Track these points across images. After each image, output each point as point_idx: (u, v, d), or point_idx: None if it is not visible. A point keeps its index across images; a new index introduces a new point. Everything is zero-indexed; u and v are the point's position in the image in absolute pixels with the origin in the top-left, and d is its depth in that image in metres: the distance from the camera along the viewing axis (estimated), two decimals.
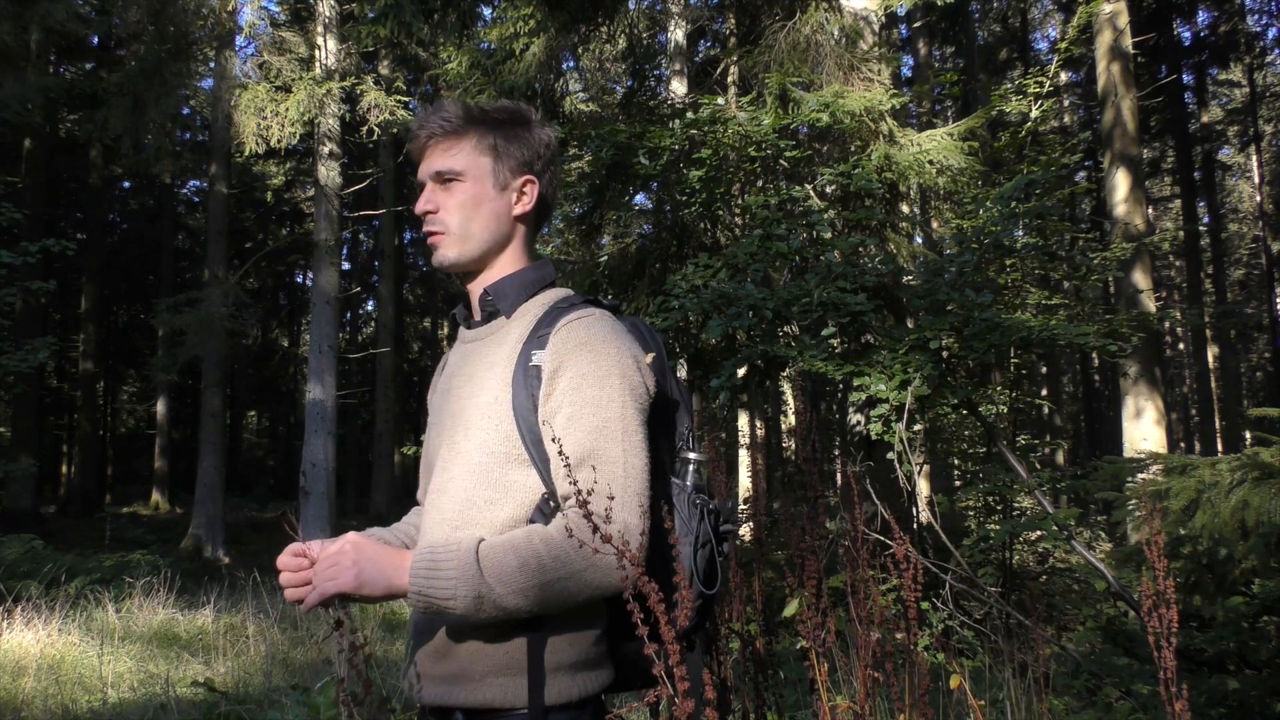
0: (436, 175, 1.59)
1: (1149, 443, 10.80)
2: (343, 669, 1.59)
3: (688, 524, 1.52)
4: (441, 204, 1.59)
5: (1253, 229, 31.26)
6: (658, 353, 1.61)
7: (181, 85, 15.44)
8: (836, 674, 3.04)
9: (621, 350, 1.50)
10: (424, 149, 1.61)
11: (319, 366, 13.89)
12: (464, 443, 1.53)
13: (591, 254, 8.96)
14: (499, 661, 1.43)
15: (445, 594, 1.36)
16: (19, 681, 5.74)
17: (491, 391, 1.52)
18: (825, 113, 6.22)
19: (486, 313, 1.63)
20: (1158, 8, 19.07)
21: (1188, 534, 3.26)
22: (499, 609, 1.37)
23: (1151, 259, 12.50)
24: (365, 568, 1.38)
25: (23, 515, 17.67)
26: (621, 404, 1.45)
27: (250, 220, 28.31)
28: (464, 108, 1.61)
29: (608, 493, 1.38)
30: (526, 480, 1.47)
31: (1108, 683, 3.96)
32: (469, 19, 8.05)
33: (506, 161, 1.60)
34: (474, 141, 1.59)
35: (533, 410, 1.48)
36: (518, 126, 1.62)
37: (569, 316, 1.51)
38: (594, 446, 1.42)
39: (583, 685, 1.45)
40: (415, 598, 1.37)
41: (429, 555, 1.39)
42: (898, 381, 4.79)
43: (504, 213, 1.61)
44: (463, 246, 1.59)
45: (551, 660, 1.43)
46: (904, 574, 1.83)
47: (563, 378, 1.46)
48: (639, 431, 1.46)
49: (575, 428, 1.43)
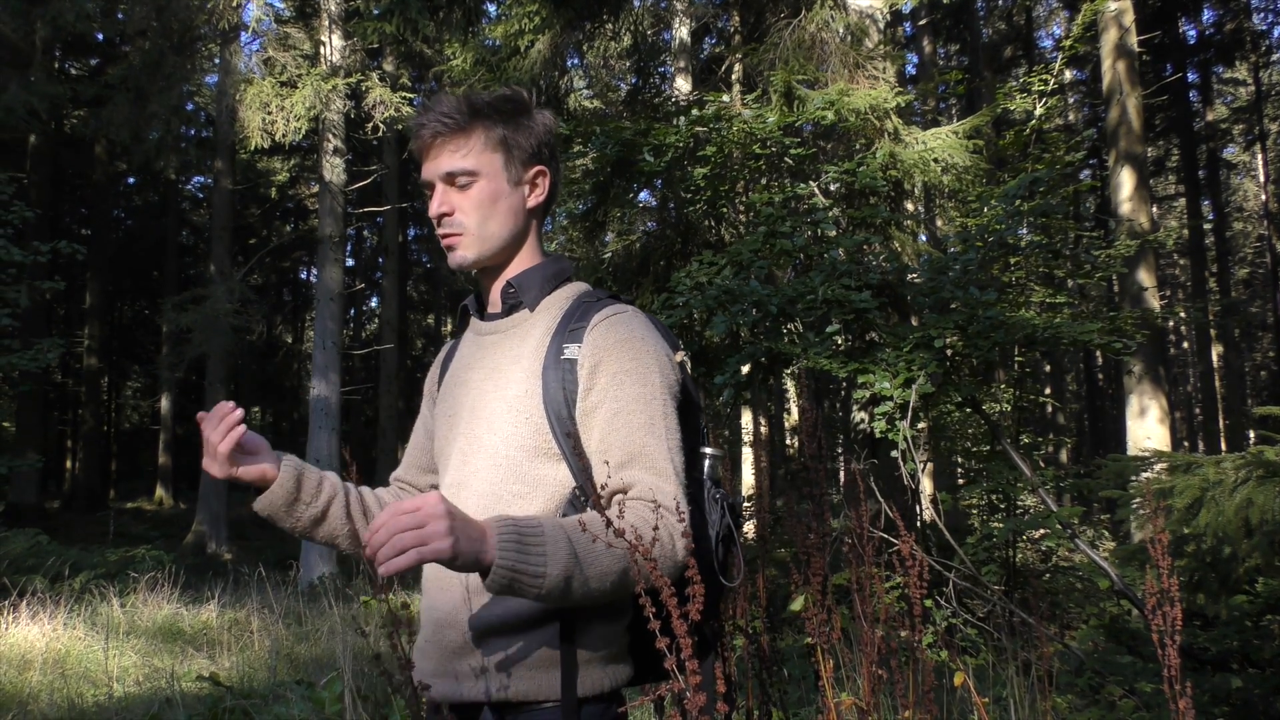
0: (447, 176, 1.54)
1: (1153, 441, 10.79)
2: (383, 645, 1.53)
3: (708, 517, 1.52)
4: (456, 205, 1.54)
5: (1257, 227, 31.20)
6: (681, 349, 1.61)
7: (184, 79, 15.42)
8: (841, 671, 3.05)
9: (658, 347, 1.50)
10: (428, 147, 1.55)
11: (323, 363, 13.90)
12: (487, 436, 1.51)
13: (596, 251, 8.97)
14: (530, 654, 1.42)
15: (535, 572, 1.24)
16: (25, 675, 5.77)
17: (519, 385, 1.50)
18: (830, 110, 6.22)
19: (508, 305, 1.59)
20: (1163, 6, 19.01)
21: (1191, 532, 3.26)
22: (583, 593, 1.29)
23: (1156, 257, 12.49)
24: (459, 538, 1.20)
25: (27, 510, 17.73)
26: (663, 400, 1.46)
27: (255, 216, 28.35)
28: (467, 101, 1.55)
29: (658, 486, 1.39)
30: (557, 474, 1.46)
31: (1111, 681, 3.96)
32: (474, 16, 8.05)
33: (517, 155, 1.56)
34: (482, 137, 1.54)
35: (564, 404, 1.46)
36: (521, 115, 1.58)
37: (605, 312, 1.51)
38: (644, 442, 1.42)
39: (613, 677, 1.45)
40: (501, 574, 1.22)
41: (513, 529, 1.25)
42: (902, 379, 4.79)
43: (519, 207, 1.58)
44: (482, 247, 1.55)
45: (584, 652, 1.42)
46: (908, 571, 1.84)
47: (603, 374, 1.45)
48: (677, 429, 1.47)
49: (622, 423, 1.43)
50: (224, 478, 1.49)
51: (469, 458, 1.53)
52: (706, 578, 1.45)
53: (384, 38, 8.09)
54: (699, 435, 1.61)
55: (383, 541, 1.17)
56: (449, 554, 1.18)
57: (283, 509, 1.55)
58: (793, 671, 4.51)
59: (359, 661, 5.31)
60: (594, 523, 1.30)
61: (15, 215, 9.88)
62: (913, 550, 1.83)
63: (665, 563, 1.33)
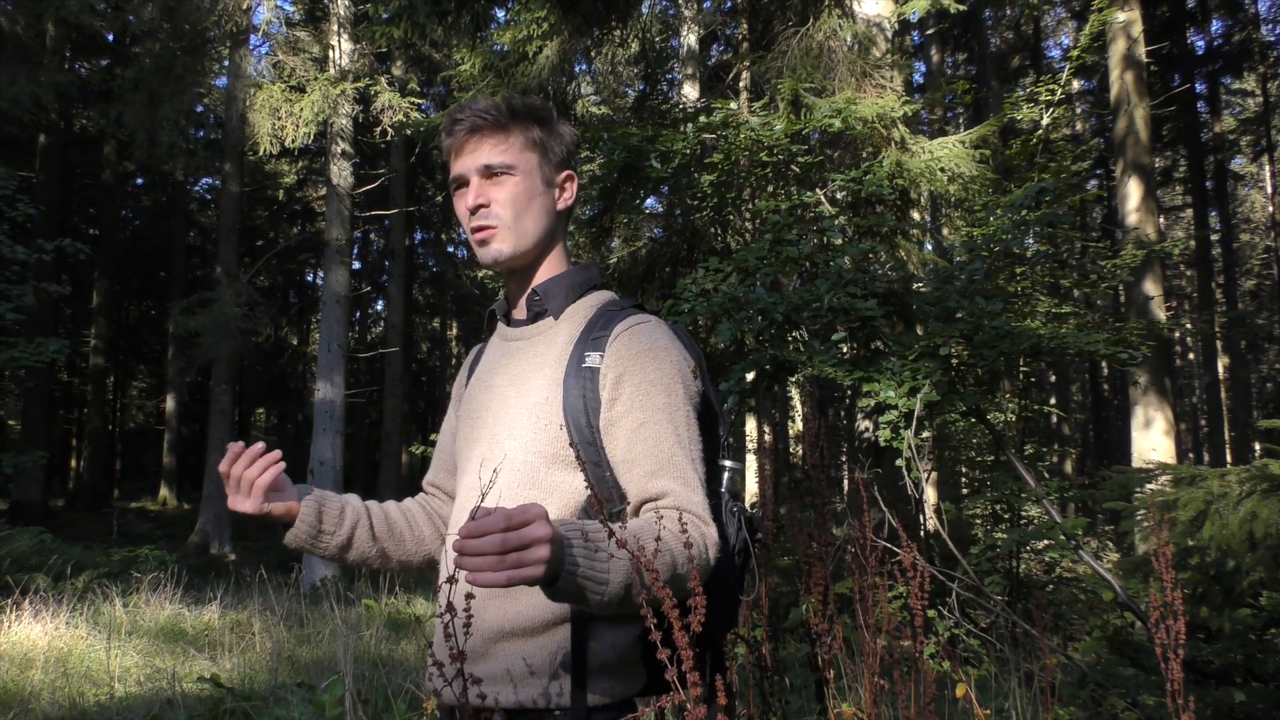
0: (485, 169, 1.56)
1: (1158, 453, 10.76)
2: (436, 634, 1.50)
3: (725, 531, 1.53)
4: (492, 197, 1.56)
5: (1264, 239, 31.14)
6: (699, 361, 1.61)
7: (195, 82, 15.49)
8: (842, 680, 3.04)
9: (680, 358, 1.51)
10: (464, 144, 1.58)
11: (328, 365, 13.92)
12: (508, 441, 1.52)
13: (602, 257, 8.97)
14: (542, 661, 1.42)
15: (600, 579, 1.21)
16: (27, 673, 5.77)
17: (541, 392, 1.51)
18: (837, 119, 6.22)
19: (533, 312, 1.61)
20: (1171, 16, 19.00)
21: (1195, 545, 3.26)
22: (636, 602, 1.20)
23: (1162, 268, 12.47)
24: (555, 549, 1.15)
25: (31, 508, 17.78)
26: (686, 411, 1.47)
27: (262, 218, 28.40)
28: (506, 102, 1.59)
29: (685, 496, 1.40)
30: (573, 482, 1.46)
31: (1114, 693, 3.95)
32: (482, 21, 8.06)
33: (551, 157, 1.60)
34: (521, 136, 1.57)
35: (584, 412, 1.47)
36: (552, 121, 1.62)
37: (628, 322, 1.52)
38: (670, 453, 1.43)
39: (624, 687, 1.44)
40: (569, 580, 1.18)
41: (580, 533, 1.21)
42: (907, 388, 4.78)
43: (551, 208, 1.61)
44: (518, 241, 1.57)
45: (595, 661, 1.41)
46: (911, 581, 1.83)
47: (627, 384, 1.46)
48: (699, 439, 1.48)
49: (649, 433, 1.43)
50: (255, 513, 1.52)
51: (489, 462, 1.53)
52: (723, 592, 1.45)
53: (392, 42, 8.08)
54: (719, 447, 1.62)
55: (480, 550, 1.10)
56: (538, 580, 1.13)
57: (308, 541, 1.59)
58: (794, 681, 4.50)
59: (360, 665, 5.31)
60: (639, 531, 1.28)
61: (19, 213, 9.91)
62: (915, 560, 1.83)
63: (702, 572, 1.35)
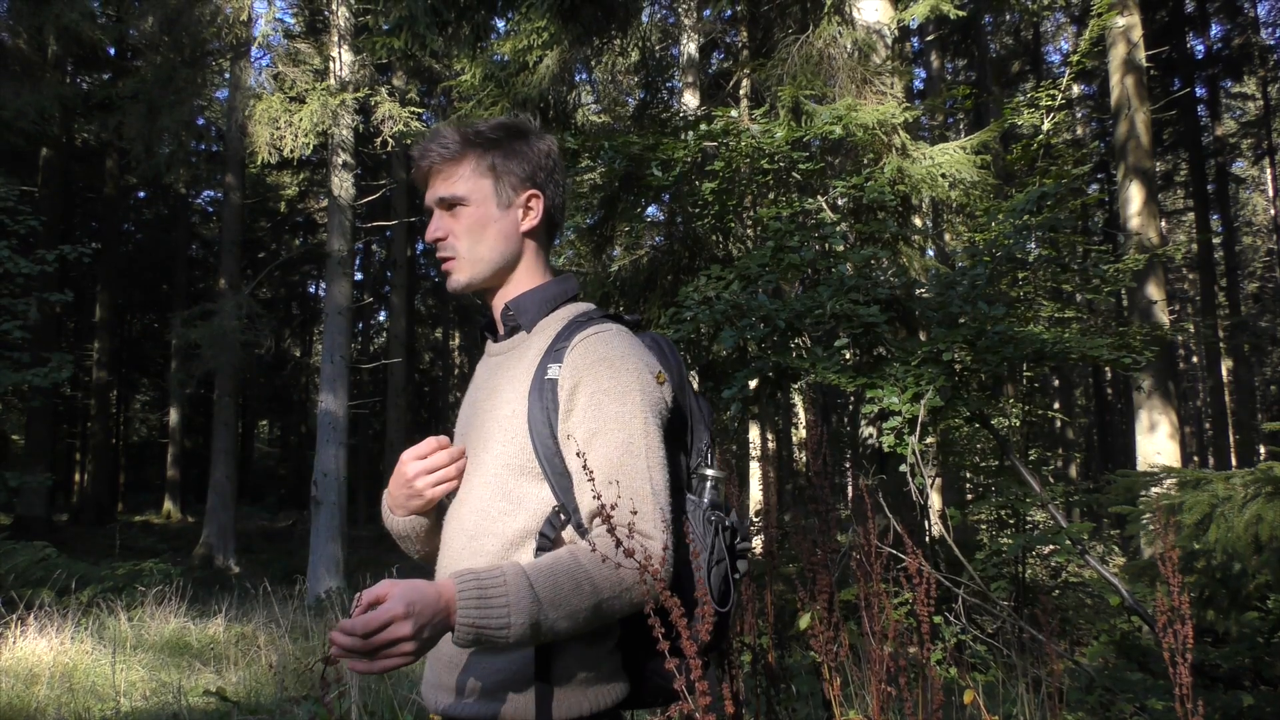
0: (441, 202, 1.62)
1: (1162, 457, 10.74)
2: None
3: (702, 540, 1.52)
4: (450, 230, 1.62)
5: (1266, 242, 31.15)
6: (677, 369, 1.63)
7: (196, 94, 15.55)
8: (849, 688, 3.03)
9: (640, 365, 1.51)
10: (427, 176, 1.64)
11: (331, 376, 13.93)
12: (483, 454, 1.55)
13: (603, 265, 8.97)
14: (509, 674, 1.43)
15: (499, 624, 1.28)
16: (32, 689, 5.77)
17: (510, 405, 1.54)
18: (838, 125, 6.22)
19: (509, 328, 1.65)
20: (1171, 21, 19.03)
21: (1201, 549, 3.25)
22: (554, 634, 1.33)
23: (1165, 271, 12.46)
24: (423, 628, 1.25)
25: (36, 523, 17.77)
26: (644, 419, 1.46)
27: (264, 230, 28.45)
28: (459, 132, 1.63)
29: (633, 509, 1.39)
30: (539, 493, 1.48)
31: (1122, 698, 3.93)
32: (483, 31, 8.07)
33: (507, 179, 1.62)
34: (472, 164, 1.61)
35: (546, 424, 1.48)
36: (515, 141, 1.63)
37: (585, 331, 1.52)
38: (620, 462, 1.43)
39: (594, 699, 1.44)
40: (464, 631, 1.27)
41: (474, 584, 1.30)
42: (910, 394, 4.77)
43: (511, 231, 1.63)
44: (474, 270, 1.62)
45: (561, 673, 1.42)
46: (917, 588, 1.83)
47: (582, 393, 1.46)
48: (661, 447, 1.47)
49: (600, 443, 1.44)
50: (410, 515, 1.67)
51: (469, 475, 1.58)
52: (688, 600, 1.44)
53: (393, 53, 8.10)
54: (701, 455, 1.63)
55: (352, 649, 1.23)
56: (416, 655, 1.25)
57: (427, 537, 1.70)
58: (800, 688, 4.48)
59: (366, 677, 5.30)
60: (550, 566, 1.34)
61: (22, 224, 9.92)
62: (921, 566, 1.83)
63: (637, 589, 1.36)
